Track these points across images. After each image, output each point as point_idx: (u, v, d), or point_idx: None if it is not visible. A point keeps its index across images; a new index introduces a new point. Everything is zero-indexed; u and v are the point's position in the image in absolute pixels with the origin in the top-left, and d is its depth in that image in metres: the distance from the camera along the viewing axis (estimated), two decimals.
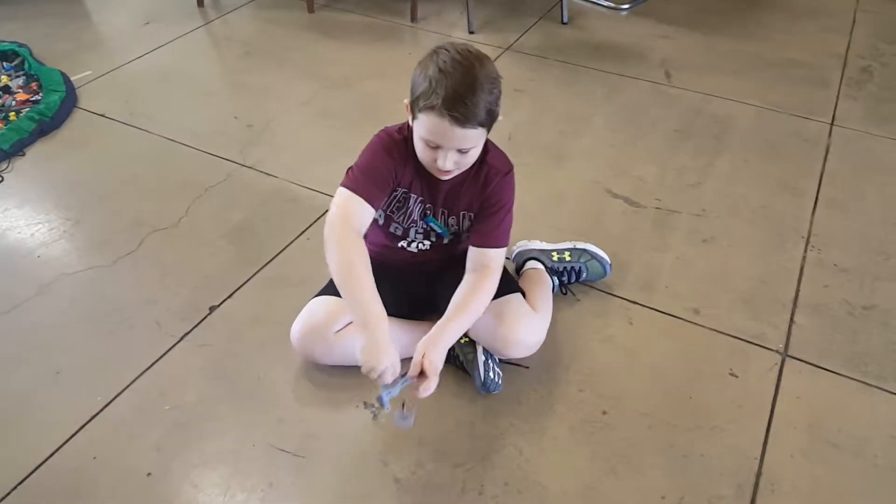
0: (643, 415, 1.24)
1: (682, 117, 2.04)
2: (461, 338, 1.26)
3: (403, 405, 1.11)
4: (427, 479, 1.14)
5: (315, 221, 1.66)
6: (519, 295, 1.30)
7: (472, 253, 1.22)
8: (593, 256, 1.46)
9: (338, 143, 1.91)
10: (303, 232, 1.63)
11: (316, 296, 1.31)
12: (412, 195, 1.21)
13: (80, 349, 1.37)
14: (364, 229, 1.14)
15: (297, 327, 1.26)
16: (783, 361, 1.33)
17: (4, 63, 2.28)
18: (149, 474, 1.15)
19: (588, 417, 1.23)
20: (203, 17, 2.67)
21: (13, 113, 2.03)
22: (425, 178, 1.19)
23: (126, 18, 2.67)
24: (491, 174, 1.19)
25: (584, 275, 1.46)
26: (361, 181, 1.13)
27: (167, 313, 1.43)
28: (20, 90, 2.15)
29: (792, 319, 1.41)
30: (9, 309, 1.45)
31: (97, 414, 1.25)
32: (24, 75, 2.24)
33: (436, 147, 1.07)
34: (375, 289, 1.08)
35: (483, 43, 2.44)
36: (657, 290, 1.48)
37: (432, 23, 2.61)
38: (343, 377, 1.30)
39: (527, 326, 1.26)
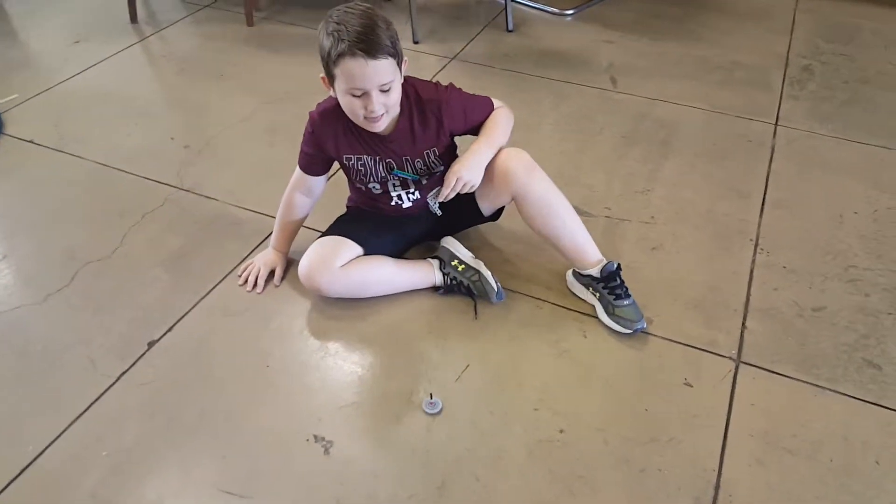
0: (599, 430, 1.22)
1: (628, 123, 2.04)
2: (459, 265, 1.43)
3: (431, 395, 1.26)
4: None
5: (258, 245, 1.60)
6: None
7: None
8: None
9: (281, 161, 1.82)
10: (245, 257, 1.57)
11: (321, 235, 1.44)
12: (365, 157, 1.36)
13: (8, 395, 1.29)
14: (314, 191, 1.47)
15: (305, 261, 1.39)
16: (737, 368, 1.33)
17: None
18: None
19: (545, 437, 1.21)
20: (137, 33, 2.58)
21: None
22: (368, 141, 1.33)
23: (55, 37, 2.55)
24: (435, 108, 1.32)
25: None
26: (302, 159, 1.42)
27: (102, 351, 1.36)
28: None
29: (744, 324, 1.42)
30: None
31: (29, 465, 1.17)
32: None
33: (361, 95, 1.19)
34: (288, 232, 1.51)
35: (428, 52, 2.41)
36: None
37: None
38: (289, 408, 1.25)
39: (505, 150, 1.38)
